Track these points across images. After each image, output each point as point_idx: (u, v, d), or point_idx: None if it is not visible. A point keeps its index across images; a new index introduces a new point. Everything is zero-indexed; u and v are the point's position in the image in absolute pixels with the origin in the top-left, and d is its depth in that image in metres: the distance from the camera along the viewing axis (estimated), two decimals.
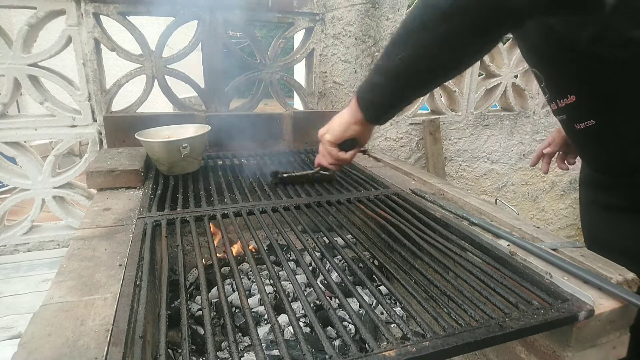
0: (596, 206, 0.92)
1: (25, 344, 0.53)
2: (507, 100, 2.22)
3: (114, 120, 1.46)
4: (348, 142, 0.87)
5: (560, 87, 0.82)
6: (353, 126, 0.82)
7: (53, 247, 1.56)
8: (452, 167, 2.20)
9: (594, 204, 0.93)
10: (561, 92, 0.82)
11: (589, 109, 0.79)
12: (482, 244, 0.83)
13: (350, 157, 0.90)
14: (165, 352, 0.54)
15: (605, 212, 0.89)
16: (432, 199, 1.09)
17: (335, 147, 0.88)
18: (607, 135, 0.79)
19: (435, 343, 0.55)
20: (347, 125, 0.83)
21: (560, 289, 0.68)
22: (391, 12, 1.80)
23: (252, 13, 1.58)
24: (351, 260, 0.80)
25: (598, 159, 0.88)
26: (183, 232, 0.90)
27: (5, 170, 1.52)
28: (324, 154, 0.92)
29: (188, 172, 1.25)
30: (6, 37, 1.39)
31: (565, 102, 0.81)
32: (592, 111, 0.78)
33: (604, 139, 0.80)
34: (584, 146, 0.89)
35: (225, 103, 1.64)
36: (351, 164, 1.43)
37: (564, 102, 0.81)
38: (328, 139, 0.87)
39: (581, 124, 0.81)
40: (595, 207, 0.93)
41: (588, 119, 0.79)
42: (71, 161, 2.50)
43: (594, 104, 0.77)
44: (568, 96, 0.80)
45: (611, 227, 0.87)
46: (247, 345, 1.05)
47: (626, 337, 0.70)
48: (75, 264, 0.73)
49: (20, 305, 1.21)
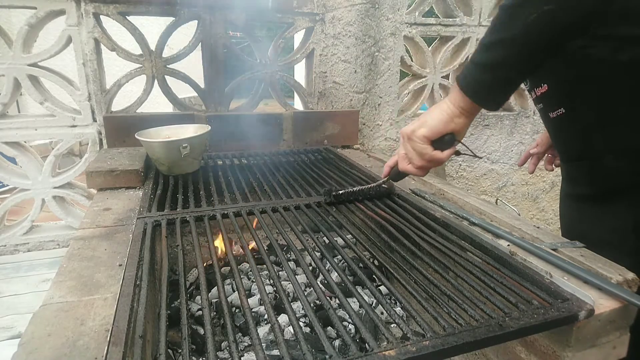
0: (570, 199, 0.96)
1: (25, 344, 0.53)
2: (507, 100, 2.22)
3: (114, 120, 1.46)
4: (446, 138, 0.75)
5: (536, 76, 0.86)
6: (458, 119, 0.73)
7: (53, 247, 1.56)
8: (452, 167, 2.20)
9: (569, 197, 0.96)
10: (537, 81, 0.86)
11: (558, 98, 0.83)
12: (482, 244, 0.83)
13: (447, 156, 0.78)
14: (165, 352, 0.54)
15: (577, 203, 0.92)
16: (432, 199, 1.09)
17: (430, 144, 0.76)
18: (574, 122, 0.83)
19: (435, 343, 0.55)
20: (450, 118, 0.73)
21: (560, 289, 0.68)
22: (391, 12, 1.80)
23: (252, 13, 1.58)
24: (351, 260, 0.80)
25: (567, 147, 0.91)
26: (183, 232, 0.90)
27: (5, 170, 1.52)
28: (411, 155, 0.80)
29: (188, 172, 1.25)
30: (6, 37, 1.39)
31: (540, 91, 0.85)
32: (561, 100, 0.83)
33: (571, 126, 0.84)
34: (555, 136, 0.93)
35: (225, 103, 1.65)
36: (351, 164, 1.43)
37: (539, 90, 0.85)
38: (423, 133, 0.75)
39: (554, 113, 0.85)
40: (569, 200, 0.96)
41: (559, 107, 0.83)
42: (71, 161, 2.50)
43: (563, 93, 0.82)
44: (542, 85, 0.84)
45: (583, 217, 0.90)
46: (247, 345, 1.05)
47: (626, 337, 0.70)
48: (75, 264, 0.73)
49: (20, 305, 1.21)
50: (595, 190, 0.86)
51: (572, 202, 0.95)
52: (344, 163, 1.46)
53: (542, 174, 2.44)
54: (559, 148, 0.95)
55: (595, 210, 0.86)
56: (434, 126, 0.75)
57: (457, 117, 0.74)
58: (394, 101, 1.93)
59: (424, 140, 0.76)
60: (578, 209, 0.92)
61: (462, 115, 0.73)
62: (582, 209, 0.90)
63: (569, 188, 0.95)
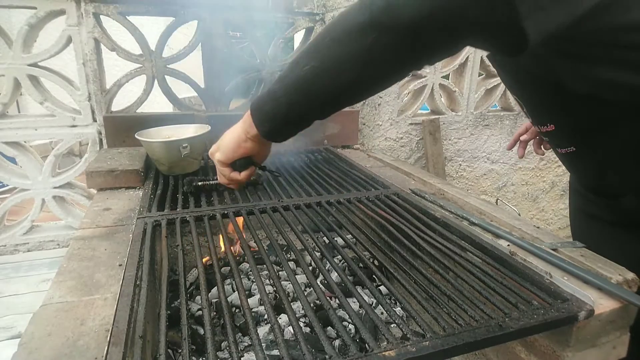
0: (582, 213, 0.93)
1: (25, 344, 0.53)
2: (507, 100, 2.22)
3: (114, 120, 1.46)
4: (241, 161, 0.76)
5: (540, 116, 0.82)
6: (245, 143, 0.72)
7: (53, 247, 1.56)
8: (452, 167, 2.20)
9: (581, 211, 0.94)
10: (541, 121, 0.82)
11: (568, 138, 0.80)
12: (482, 244, 0.83)
13: (245, 177, 0.79)
14: (165, 352, 0.54)
15: (591, 221, 0.90)
16: (432, 199, 1.09)
17: (227, 167, 0.77)
18: (587, 161, 0.80)
19: (435, 343, 0.55)
20: (238, 143, 0.73)
21: (560, 289, 0.68)
22: None
23: (252, 13, 1.58)
24: (351, 260, 0.80)
25: (582, 178, 0.90)
26: (183, 232, 0.90)
27: (5, 170, 1.52)
28: (218, 173, 0.82)
29: (188, 172, 1.25)
30: (6, 37, 1.39)
31: (546, 130, 0.81)
32: (571, 139, 0.79)
33: (584, 164, 0.82)
34: (569, 167, 0.91)
35: (225, 103, 1.64)
36: (351, 164, 1.43)
37: (545, 129, 0.82)
38: (218, 158, 0.76)
39: (563, 149, 0.82)
40: (582, 214, 0.94)
41: (569, 146, 0.80)
42: (71, 161, 2.49)
43: (572, 134, 0.78)
44: (548, 124, 0.80)
45: (596, 235, 0.88)
46: (247, 345, 1.05)
47: (626, 337, 0.70)
48: (75, 264, 0.73)
49: (20, 305, 1.21)
50: (615, 220, 0.83)
51: (587, 219, 0.91)
52: (344, 163, 1.46)
53: (542, 174, 2.44)
54: (574, 176, 0.93)
55: (617, 234, 0.83)
56: (225, 152, 0.75)
57: (244, 142, 0.73)
58: (394, 101, 1.93)
59: (220, 164, 0.77)
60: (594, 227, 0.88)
61: (249, 140, 0.72)
62: (597, 228, 0.87)
63: (585, 206, 0.91)
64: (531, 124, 0.90)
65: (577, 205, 0.96)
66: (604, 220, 0.86)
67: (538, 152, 1.06)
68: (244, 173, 0.78)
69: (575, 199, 0.96)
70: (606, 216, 0.85)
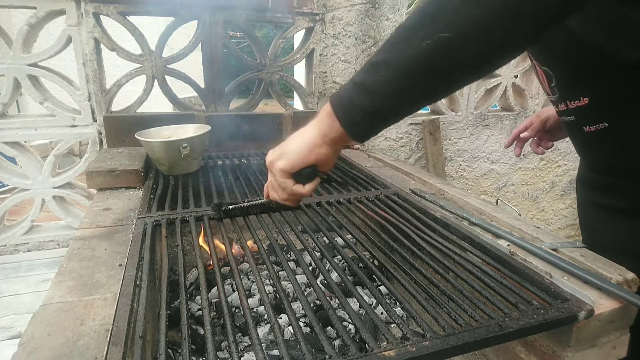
0: (591, 205, 0.92)
1: (25, 344, 0.53)
2: (507, 100, 2.22)
3: (114, 120, 1.46)
4: (308, 171, 0.65)
5: (573, 88, 0.78)
6: (319, 149, 0.63)
7: (53, 247, 1.56)
8: (452, 167, 2.20)
9: (589, 204, 0.92)
10: (573, 94, 0.78)
11: (602, 111, 0.76)
12: (482, 244, 0.83)
13: (310, 191, 0.68)
14: (165, 352, 0.54)
15: (600, 211, 0.88)
16: (432, 199, 1.09)
17: (290, 178, 0.67)
18: (620, 137, 0.76)
19: (435, 343, 0.55)
20: (311, 148, 0.63)
21: (560, 289, 0.68)
22: (391, 12, 1.80)
23: (252, 13, 1.58)
24: (351, 260, 0.80)
25: (604, 160, 0.85)
26: (183, 232, 0.90)
27: (5, 170, 1.52)
28: (275, 188, 0.70)
29: (188, 172, 1.25)
30: (6, 37, 1.39)
31: (577, 104, 0.77)
32: (606, 114, 0.75)
33: (616, 141, 0.78)
34: (589, 149, 0.87)
35: (225, 103, 1.64)
36: (351, 163, 1.43)
37: (575, 103, 0.78)
38: (280, 166, 0.65)
39: (592, 127, 0.78)
40: (590, 206, 0.92)
41: (601, 122, 0.76)
42: (71, 161, 2.50)
43: (609, 107, 0.74)
44: (580, 98, 0.76)
45: (607, 226, 0.86)
46: (247, 345, 1.05)
47: (626, 337, 0.70)
48: (75, 264, 0.73)
49: (20, 305, 1.21)
50: (624, 206, 0.80)
51: (598, 211, 0.89)
52: (344, 163, 1.46)
53: (542, 174, 2.44)
54: (590, 158, 0.90)
55: (627, 221, 0.80)
56: (291, 159, 0.65)
57: (318, 147, 0.63)
58: None
59: (282, 174, 0.66)
60: (605, 218, 0.86)
61: (325, 145, 0.63)
62: (613, 220, 0.85)
63: (592, 196, 0.89)
64: (553, 102, 0.86)
65: (585, 197, 0.94)
66: (614, 209, 0.84)
67: (537, 151, 1.04)
68: (309, 186, 0.67)
69: (583, 192, 0.95)
70: (620, 202, 0.82)
